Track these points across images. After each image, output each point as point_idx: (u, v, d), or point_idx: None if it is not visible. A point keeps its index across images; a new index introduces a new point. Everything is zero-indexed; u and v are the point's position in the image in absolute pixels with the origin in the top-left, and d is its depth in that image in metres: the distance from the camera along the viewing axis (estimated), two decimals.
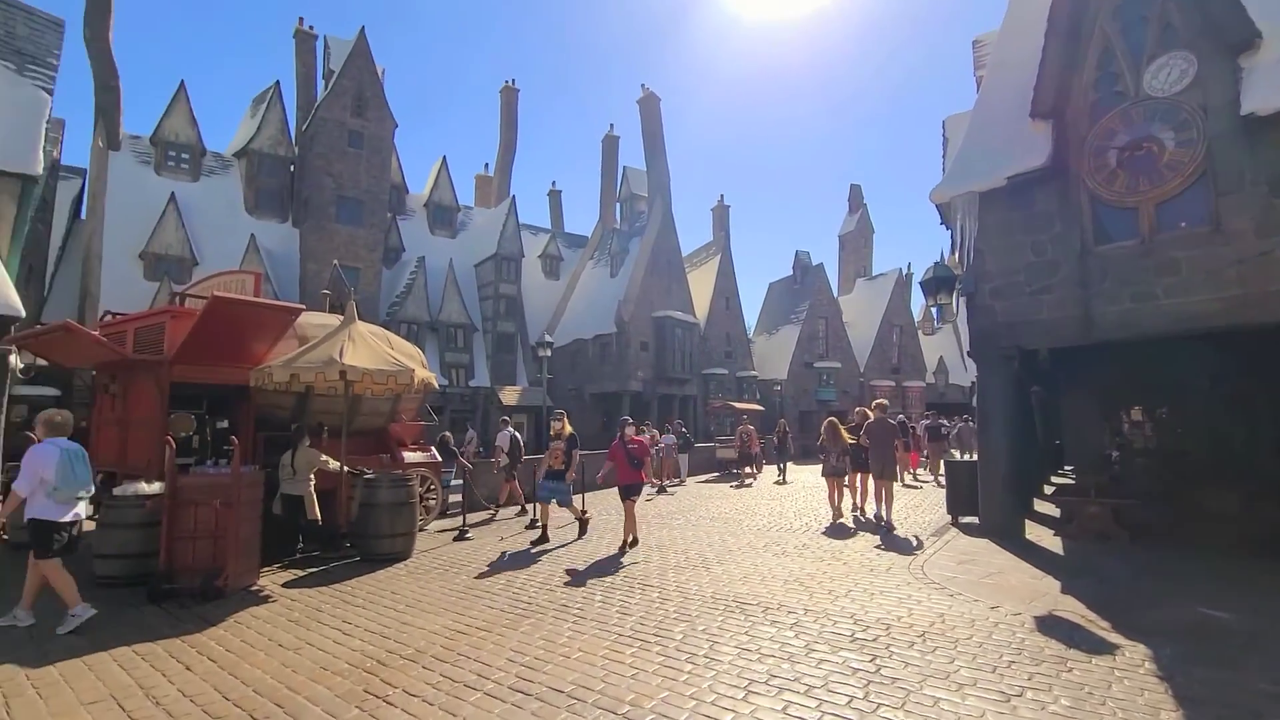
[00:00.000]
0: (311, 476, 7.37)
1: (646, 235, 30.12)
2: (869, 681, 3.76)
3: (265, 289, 12.62)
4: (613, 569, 6.92)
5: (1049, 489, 12.28)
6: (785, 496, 13.47)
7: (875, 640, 4.45)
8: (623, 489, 8.23)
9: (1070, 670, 3.91)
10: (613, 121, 38.76)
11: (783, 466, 17.89)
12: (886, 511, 9.43)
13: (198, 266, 22.27)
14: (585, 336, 30.40)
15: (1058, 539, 8.27)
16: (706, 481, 17.65)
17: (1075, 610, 5.14)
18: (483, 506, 11.03)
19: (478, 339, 29.25)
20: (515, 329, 30.42)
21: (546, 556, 7.70)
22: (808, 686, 3.71)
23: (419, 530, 8.28)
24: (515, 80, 37.43)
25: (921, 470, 17.02)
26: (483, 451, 18.32)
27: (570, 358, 31.03)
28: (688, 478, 17.94)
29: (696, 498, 13.74)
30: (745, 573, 6.61)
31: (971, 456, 17.35)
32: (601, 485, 10.55)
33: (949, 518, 9.73)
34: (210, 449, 8.16)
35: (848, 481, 10.50)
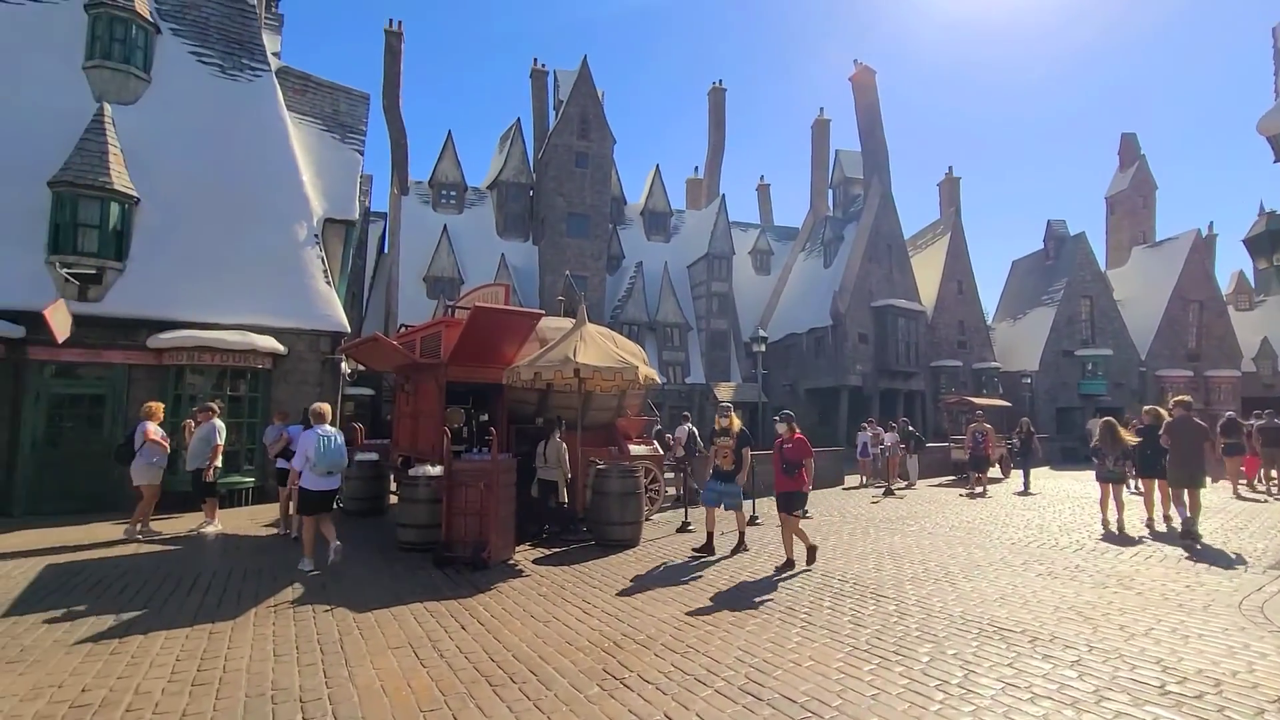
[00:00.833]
0: (564, 464, 8.21)
1: (863, 220, 28.22)
2: None
3: (512, 299, 14.40)
4: (840, 575, 6.55)
5: None
6: (1041, 506, 11.58)
7: (1199, 699, 3.55)
8: (778, 499, 7.20)
9: None
10: (822, 105, 36.98)
11: (1027, 472, 15.14)
12: (1193, 525, 8.10)
13: (463, 284, 26.27)
14: (799, 330, 29.50)
15: None
16: (939, 486, 15.95)
17: None
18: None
19: (692, 337, 30.07)
20: (728, 326, 30.67)
21: (767, 554, 7.57)
22: None
23: (644, 520, 8.72)
24: (722, 80, 37.68)
25: (1257, 482, 13.46)
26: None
27: (784, 353, 30.37)
28: (917, 480, 16.39)
29: (929, 503, 12.47)
30: (1001, 593, 5.79)
31: None
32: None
33: None
34: (475, 439, 9.50)
35: (1133, 489, 8.85)
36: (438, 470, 7.70)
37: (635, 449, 10.34)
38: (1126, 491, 9.50)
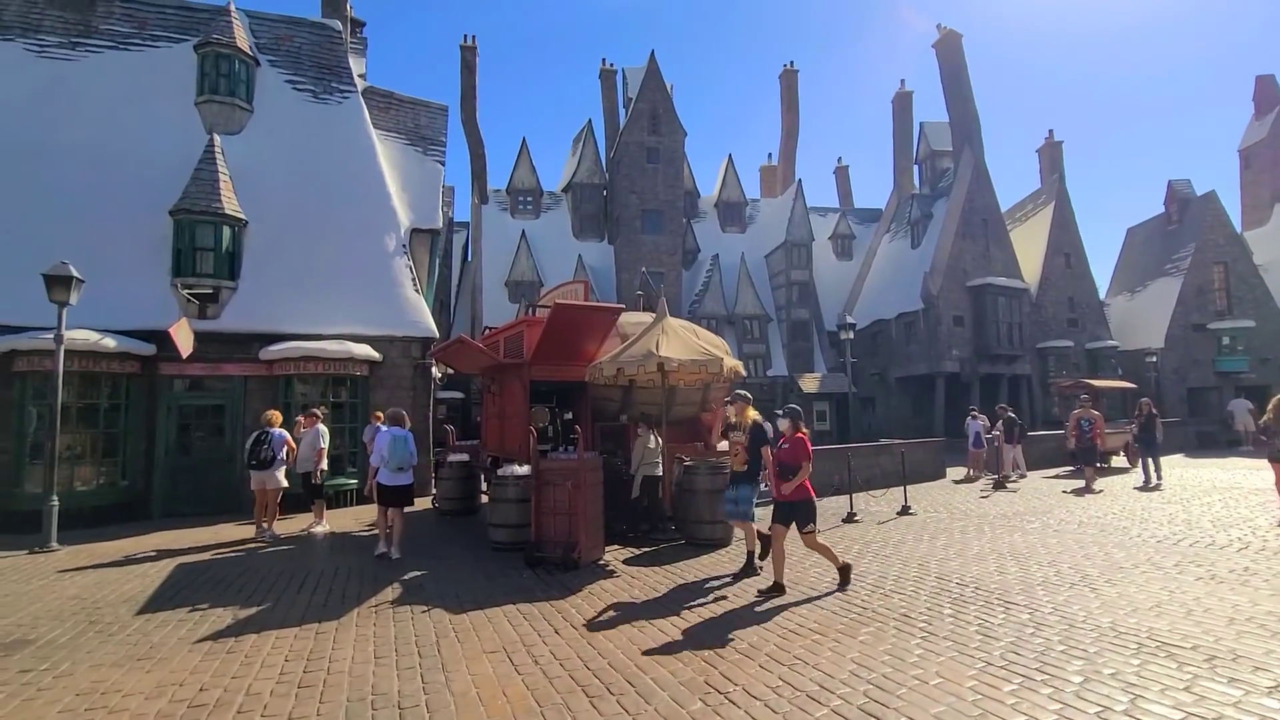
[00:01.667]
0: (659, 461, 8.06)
1: (954, 194, 26.44)
2: None
3: (591, 297, 14.38)
4: (958, 578, 5.98)
5: None
6: (1184, 499, 10.28)
7: None
8: (775, 509, 6.01)
9: None
10: (902, 78, 34.84)
11: (1151, 464, 12.58)
12: None
13: (542, 288, 26.75)
14: (887, 316, 28.05)
15: None
16: (1054, 477, 14.56)
17: None
18: None
19: (772, 328, 29.26)
20: (809, 315, 29.60)
21: (871, 554, 7.06)
22: None
23: None
24: (794, 61, 36.43)
25: None
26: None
27: (870, 340, 28.98)
28: (1028, 471, 15.08)
29: (1046, 496, 11.37)
30: (1155, 600, 5.06)
31: None
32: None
33: None
34: (560, 438, 9.49)
35: None
36: (525, 470, 7.71)
37: (719, 444, 10.00)
38: None
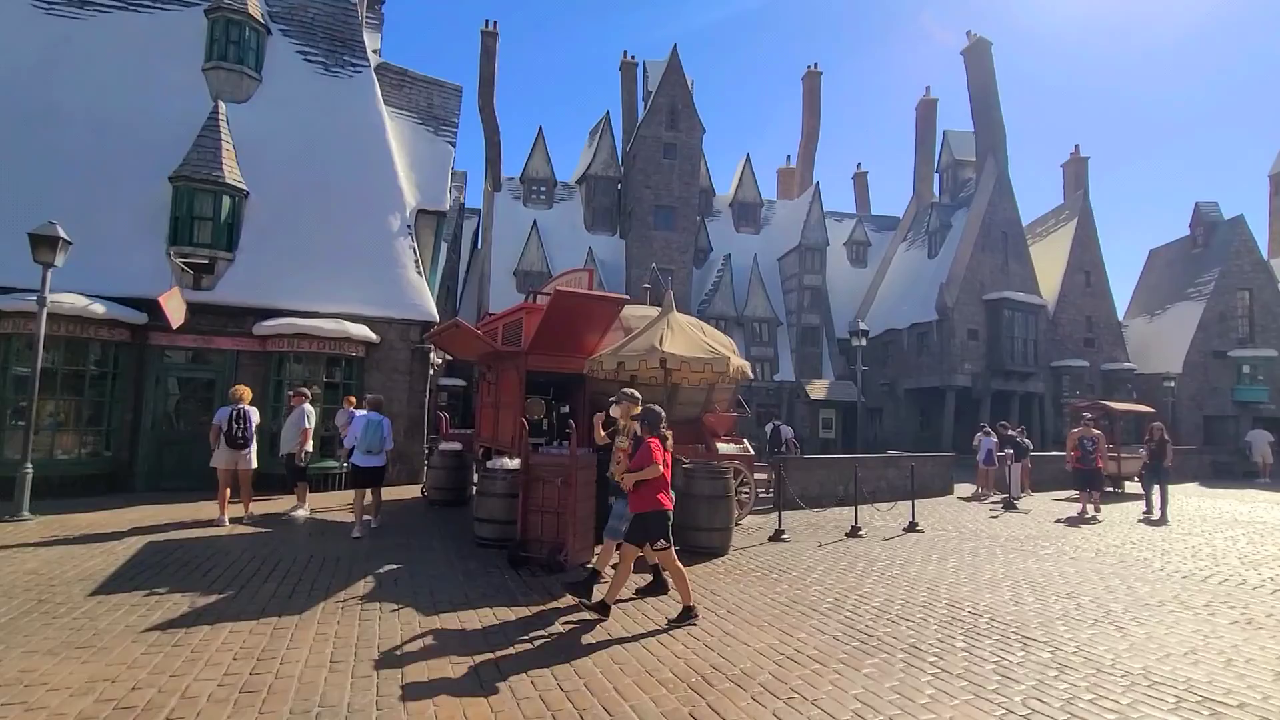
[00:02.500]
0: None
1: (975, 205, 25.89)
2: None
3: (596, 288, 14.00)
4: (971, 607, 5.56)
5: None
6: (1206, 532, 9.79)
7: None
8: (631, 525, 5.13)
9: None
10: (928, 85, 34.39)
11: (1157, 494, 11.19)
12: None
13: (551, 279, 26.46)
14: (899, 326, 27.54)
15: None
16: (1065, 500, 13.99)
17: None
18: (796, 505, 10.31)
19: (782, 332, 28.81)
20: (820, 321, 29.14)
21: (876, 573, 6.64)
22: None
23: (734, 526, 7.98)
24: (818, 64, 35.89)
25: None
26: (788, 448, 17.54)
27: (882, 349, 28.47)
28: (1034, 493, 14.54)
29: (1058, 519, 10.86)
30: (1188, 645, 4.62)
31: None
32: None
33: None
34: (555, 432, 9.10)
35: None
36: (516, 463, 7.33)
37: (724, 447, 9.61)
38: None
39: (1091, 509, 11.17)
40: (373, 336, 12.07)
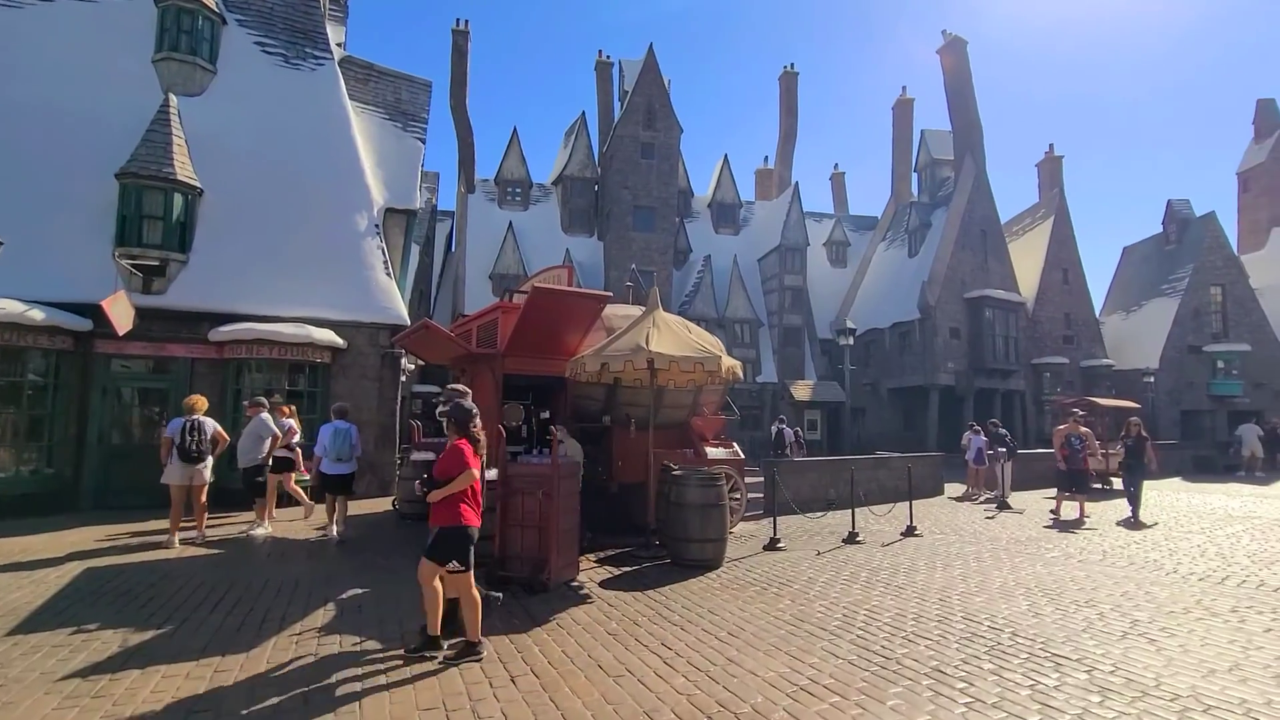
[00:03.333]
0: None
1: (954, 203, 25.88)
2: None
3: (576, 284, 13.45)
4: (990, 619, 5.15)
5: None
6: (1208, 529, 9.57)
7: None
8: (431, 541, 4.31)
9: None
10: (904, 84, 34.52)
11: (1135, 490, 10.49)
12: None
13: (528, 278, 25.83)
14: (881, 325, 27.41)
15: None
16: (1053, 497, 13.76)
17: None
18: (790, 510, 9.88)
19: (763, 334, 28.50)
20: (802, 322, 28.90)
21: (882, 584, 6.21)
22: None
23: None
24: (794, 64, 35.83)
25: None
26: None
27: (864, 350, 28.31)
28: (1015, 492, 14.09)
29: (1053, 516, 10.58)
30: (1230, 659, 4.26)
31: None
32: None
33: None
34: (535, 439, 8.57)
35: None
36: (493, 474, 6.78)
37: (713, 452, 9.17)
38: None
39: (1077, 511, 10.54)
40: (339, 341, 11.40)
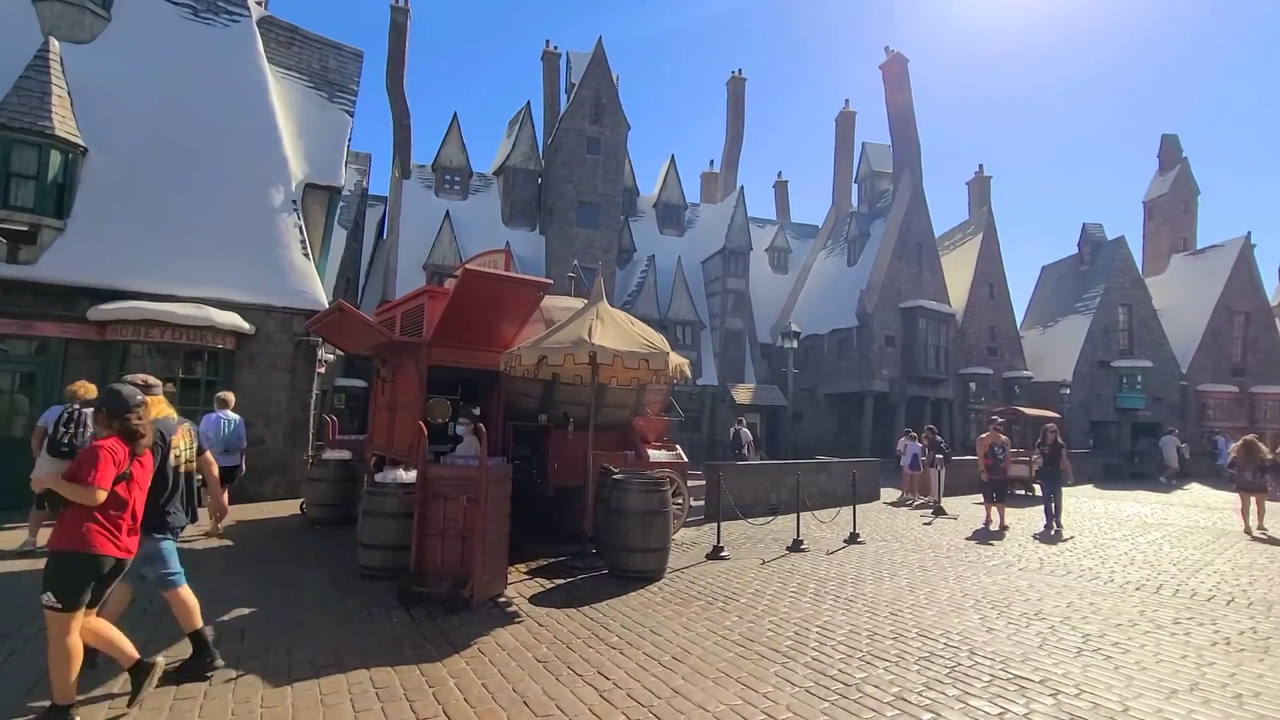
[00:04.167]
0: None
1: (893, 215, 26.52)
2: None
3: (515, 269, 12.73)
4: (944, 636, 4.86)
5: None
6: (1131, 536, 9.82)
7: None
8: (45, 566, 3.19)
9: None
10: (847, 98, 35.51)
11: (1053, 499, 10.26)
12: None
13: (461, 263, 24.69)
14: (820, 332, 27.76)
15: None
16: (980, 503, 14.04)
17: None
18: (734, 515, 9.48)
19: (705, 336, 28.37)
20: (743, 325, 28.96)
21: (831, 596, 5.86)
22: None
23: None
24: (742, 70, 36.06)
25: None
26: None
27: (802, 355, 28.58)
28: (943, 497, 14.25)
29: (992, 525, 10.67)
30: (1187, 677, 4.09)
31: None
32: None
33: None
34: (461, 438, 7.84)
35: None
36: (413, 476, 6.06)
37: (655, 454, 8.68)
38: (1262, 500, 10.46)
39: (997, 521, 10.43)
40: (245, 326, 10.26)
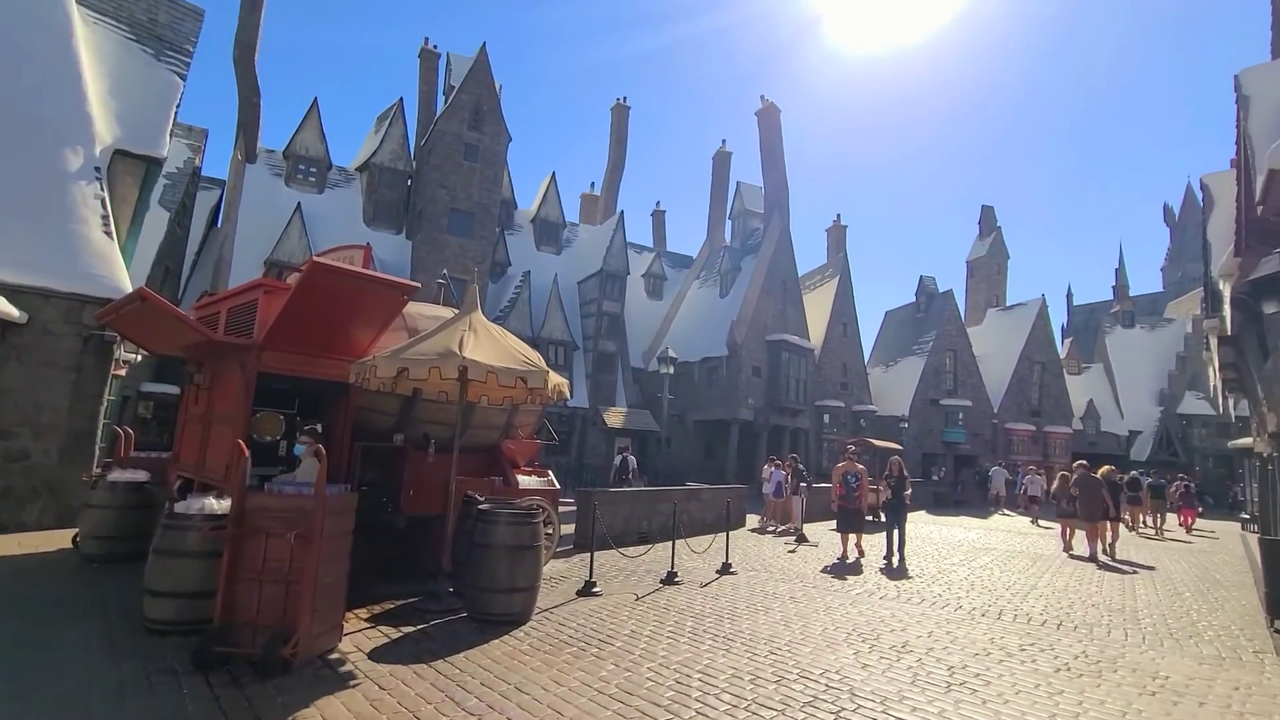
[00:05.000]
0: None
1: (762, 252, 27.96)
2: None
3: (375, 269, 11.47)
4: (824, 675, 4.69)
5: None
6: (967, 561, 10.65)
7: None
8: None
9: None
10: (725, 138, 37.52)
11: (897, 531, 10.17)
12: (1101, 547, 11.65)
13: (311, 257, 22.30)
14: (691, 359, 28.38)
15: None
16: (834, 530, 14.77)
17: None
18: (606, 545, 8.97)
19: (578, 357, 27.94)
20: (616, 349, 28.92)
21: (709, 635, 5.56)
22: None
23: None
24: (626, 98, 36.68)
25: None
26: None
27: (673, 381, 28.93)
28: (803, 524, 14.80)
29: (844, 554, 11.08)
30: (1046, 709, 4.22)
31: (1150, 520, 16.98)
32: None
33: (1269, 621, 6.82)
34: (299, 461, 6.70)
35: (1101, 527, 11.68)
36: (227, 504, 4.96)
37: (525, 480, 8.03)
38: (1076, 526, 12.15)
39: (854, 553, 10.25)
40: (13, 313, 8.22)
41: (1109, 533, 11.97)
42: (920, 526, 16.15)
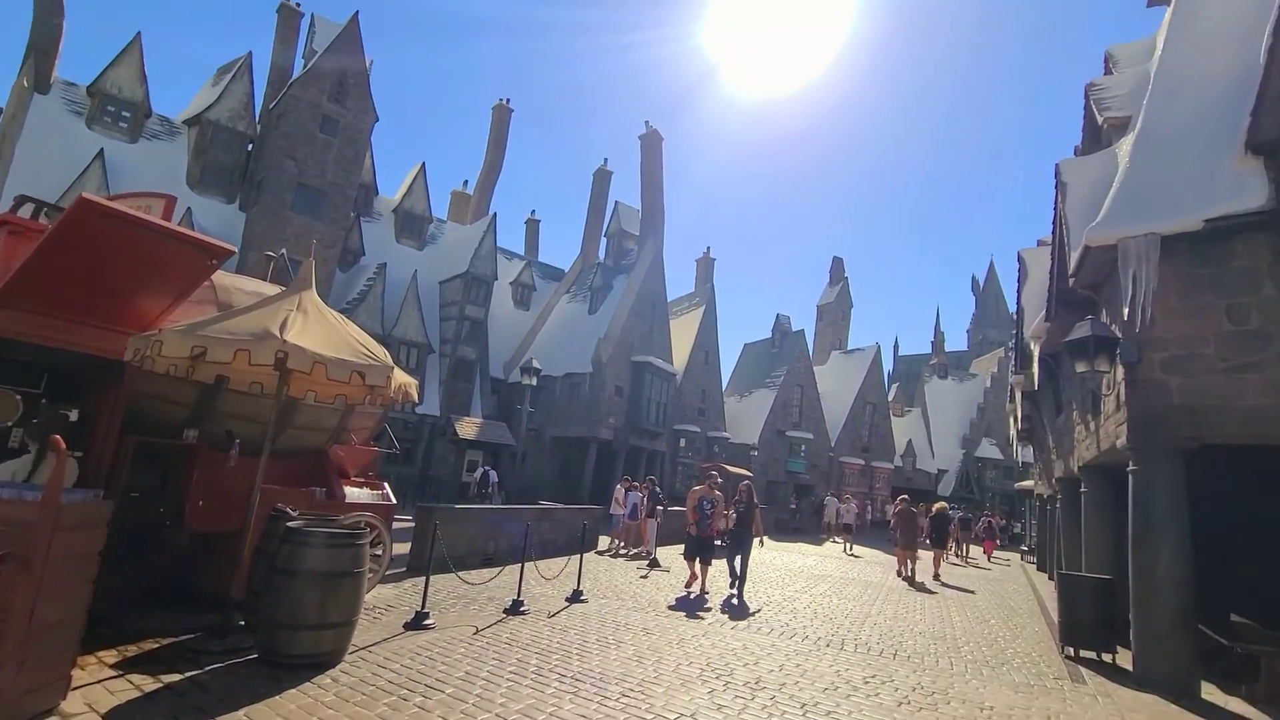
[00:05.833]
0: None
1: (635, 273, 28.15)
2: None
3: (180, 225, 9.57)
4: (653, 712, 4.29)
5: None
6: (807, 588, 10.99)
7: None
8: None
9: None
10: (606, 156, 37.81)
11: (740, 559, 9.41)
12: (936, 571, 14.08)
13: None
14: (554, 374, 27.69)
15: (1239, 701, 6.11)
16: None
17: None
18: (447, 568, 8.00)
19: (432, 361, 26.17)
20: (476, 356, 27.50)
21: (557, 676, 4.96)
22: None
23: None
24: (510, 100, 35.73)
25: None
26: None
27: (534, 395, 28.13)
28: (656, 548, 14.67)
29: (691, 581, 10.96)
30: None
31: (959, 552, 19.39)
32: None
33: (1060, 647, 7.54)
34: (41, 455, 5.18)
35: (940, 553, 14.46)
36: None
37: (354, 493, 6.96)
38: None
39: (698, 587, 9.45)
40: None
41: (938, 561, 14.39)
42: (765, 553, 16.66)
